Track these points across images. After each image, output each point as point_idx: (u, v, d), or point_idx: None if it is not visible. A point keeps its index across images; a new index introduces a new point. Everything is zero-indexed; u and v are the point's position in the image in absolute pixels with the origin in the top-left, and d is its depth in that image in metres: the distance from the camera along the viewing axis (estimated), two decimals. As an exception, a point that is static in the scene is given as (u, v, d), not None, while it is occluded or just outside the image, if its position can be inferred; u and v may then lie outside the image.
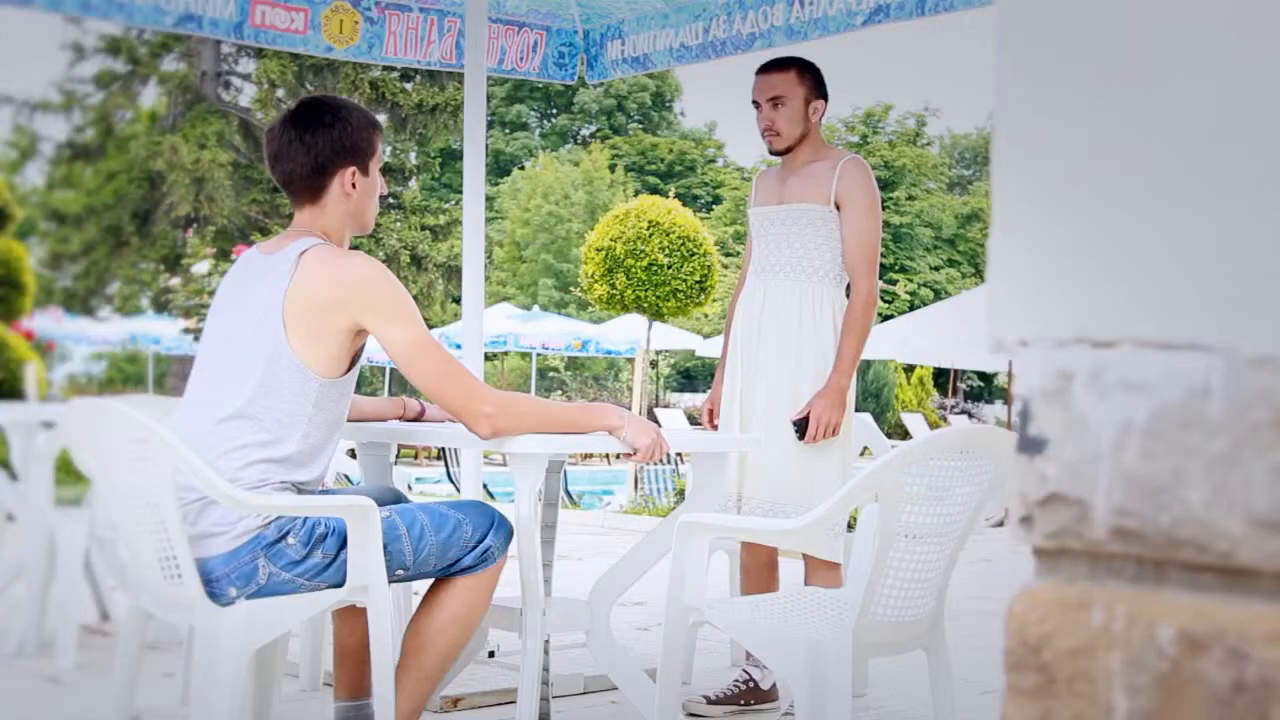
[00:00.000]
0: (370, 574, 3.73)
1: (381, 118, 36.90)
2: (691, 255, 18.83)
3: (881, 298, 41.79)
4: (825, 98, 5.40)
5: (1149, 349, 1.16)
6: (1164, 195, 1.17)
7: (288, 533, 3.73)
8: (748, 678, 5.22)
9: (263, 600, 3.70)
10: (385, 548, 3.80)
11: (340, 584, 3.76)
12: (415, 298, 31.99)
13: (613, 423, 4.11)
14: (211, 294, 14.69)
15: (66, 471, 11.90)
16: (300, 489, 3.80)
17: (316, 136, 3.88)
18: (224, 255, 15.81)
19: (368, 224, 4.01)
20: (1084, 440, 1.19)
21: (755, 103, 5.38)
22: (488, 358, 15.58)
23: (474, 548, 3.93)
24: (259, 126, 34.79)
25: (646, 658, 5.65)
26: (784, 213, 5.34)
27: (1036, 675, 1.22)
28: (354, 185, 3.93)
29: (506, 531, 4.02)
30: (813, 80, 5.37)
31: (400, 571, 3.86)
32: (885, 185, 54.77)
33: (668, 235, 18.41)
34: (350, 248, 4.01)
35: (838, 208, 5.26)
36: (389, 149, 39.80)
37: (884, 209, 5.56)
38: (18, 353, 13.38)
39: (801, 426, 5.10)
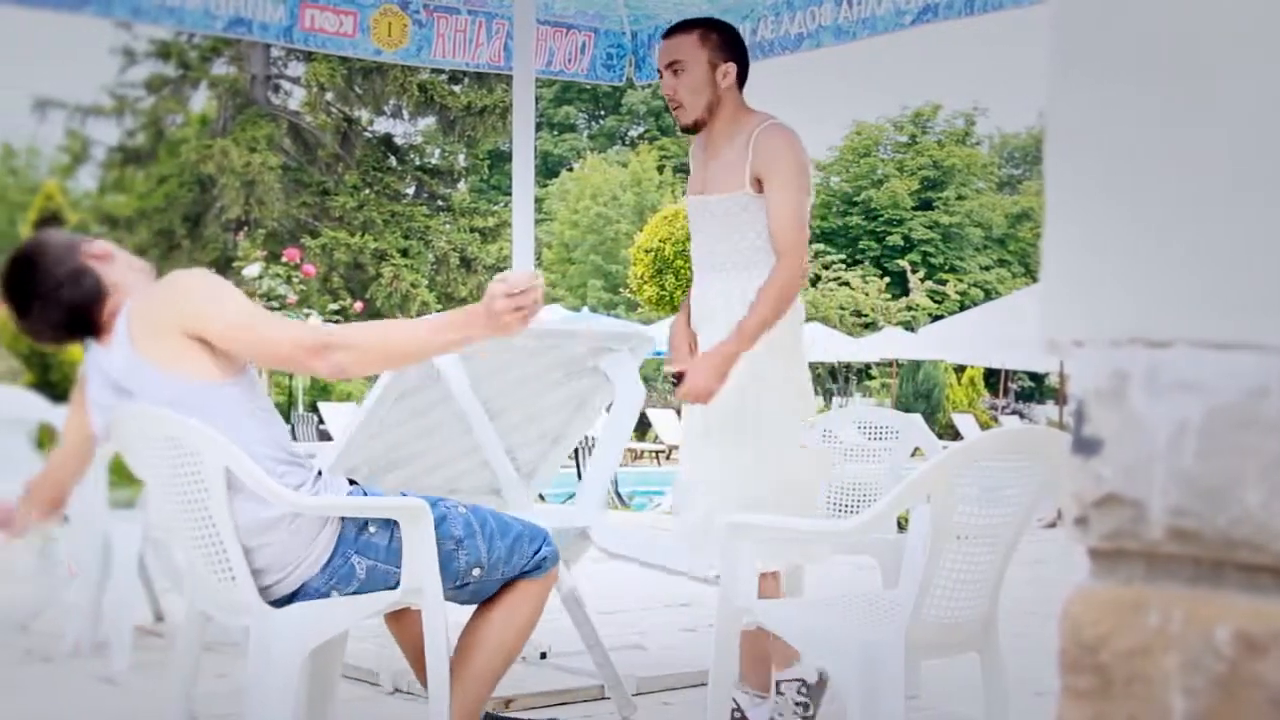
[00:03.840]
0: (424, 575, 3.74)
1: (430, 120, 37.10)
2: (740, 256, 18.82)
3: (931, 298, 40.99)
4: (739, 59, 4.76)
5: (1205, 349, 1.16)
6: (1219, 194, 1.16)
7: (366, 522, 3.75)
8: (735, 707, 4.68)
9: (316, 602, 3.72)
10: (462, 542, 3.83)
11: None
12: (464, 299, 32.11)
13: (469, 327, 3.72)
14: (264, 296, 14.75)
15: (120, 474, 11.99)
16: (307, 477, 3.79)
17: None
18: (274, 258, 15.86)
19: None
20: (1140, 441, 1.19)
21: (659, 71, 4.85)
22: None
23: (531, 556, 3.96)
24: (309, 130, 34.98)
25: (696, 659, 5.65)
26: (707, 204, 4.78)
27: (1093, 677, 1.21)
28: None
29: (555, 548, 4.05)
30: (719, 40, 4.75)
31: (476, 571, 3.86)
32: (934, 185, 54.60)
33: (716, 236, 18.40)
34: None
35: (759, 185, 4.65)
36: (437, 151, 39.92)
37: (933, 209, 5.32)
38: (72, 356, 13.48)
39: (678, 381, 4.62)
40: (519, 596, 3.96)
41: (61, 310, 3.78)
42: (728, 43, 4.75)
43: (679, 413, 4.62)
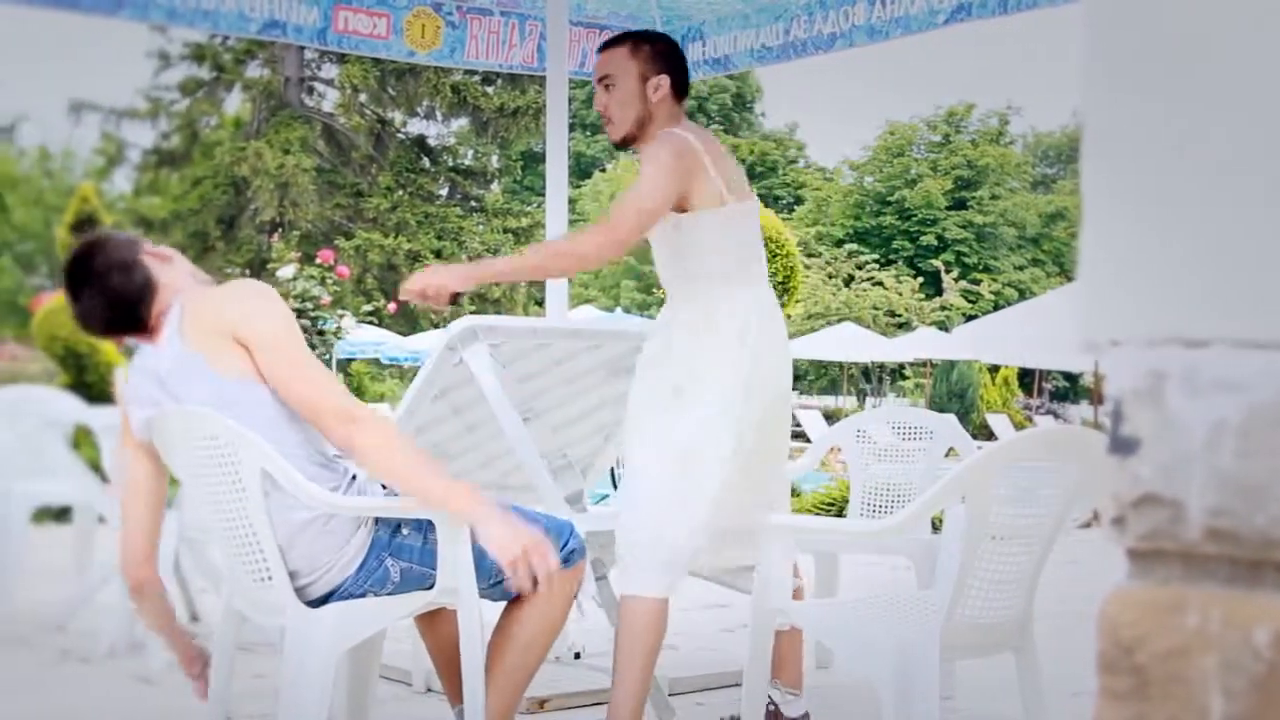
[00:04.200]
0: (460, 576, 3.74)
1: (463, 121, 37.18)
2: (774, 256, 18.75)
3: (965, 297, 40.86)
4: (673, 71, 4.53)
5: (1243, 348, 1.15)
6: (1255, 193, 1.15)
7: (399, 525, 3.76)
8: (770, 703, 4.64)
9: (352, 602, 3.73)
10: None
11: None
12: (498, 300, 32.16)
13: (473, 511, 3.65)
14: (298, 298, 14.78)
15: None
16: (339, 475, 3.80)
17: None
18: (309, 259, 15.87)
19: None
20: (1177, 440, 1.18)
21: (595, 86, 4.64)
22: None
23: (559, 550, 3.96)
24: (342, 131, 35.08)
25: (732, 659, 5.65)
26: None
27: (1130, 678, 1.21)
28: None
29: (581, 541, 4.05)
30: (651, 52, 4.52)
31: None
32: (968, 185, 54.48)
33: (749, 236, 18.38)
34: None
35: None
36: (470, 152, 39.98)
37: (967, 208, 5.21)
38: (107, 357, 13.54)
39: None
40: (554, 586, 3.97)
41: (109, 299, 3.82)
42: (660, 55, 4.54)
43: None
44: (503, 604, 4.01)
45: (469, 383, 4.75)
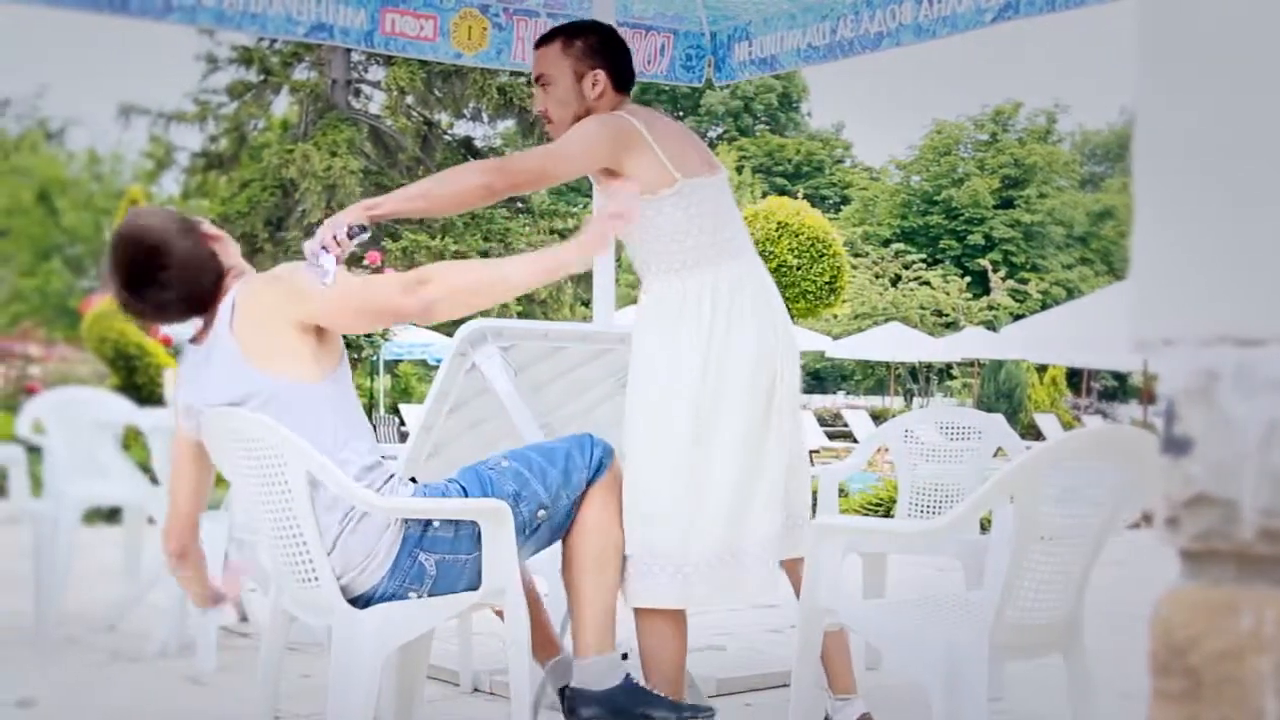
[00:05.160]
0: (506, 576, 3.75)
1: (510, 123, 37.24)
2: (821, 256, 18.77)
3: (1012, 297, 40.74)
4: (610, 65, 4.41)
5: (1297, 347, 1.14)
6: (1311, 190, 1.15)
7: (429, 519, 3.78)
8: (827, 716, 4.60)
9: (396, 603, 3.74)
10: (518, 494, 3.86)
11: None
12: (544, 300, 32.18)
13: (562, 259, 3.87)
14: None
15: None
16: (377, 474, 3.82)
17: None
18: (355, 261, 15.94)
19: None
20: (1230, 440, 1.17)
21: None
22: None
23: (588, 465, 3.99)
24: (389, 133, 35.19)
25: (780, 660, 5.64)
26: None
27: (1183, 679, 1.20)
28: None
29: (606, 443, 4.08)
30: (585, 48, 4.40)
31: (541, 512, 3.89)
32: (1016, 183, 54.29)
33: (796, 236, 18.37)
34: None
35: (609, 174, 4.27)
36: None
37: (1014, 207, 5.06)
38: (157, 359, 13.63)
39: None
40: (596, 502, 4.01)
41: (186, 290, 3.83)
42: (594, 49, 4.41)
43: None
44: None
45: (483, 393, 4.71)
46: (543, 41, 4.47)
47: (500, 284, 3.82)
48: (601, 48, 4.43)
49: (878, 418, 29.14)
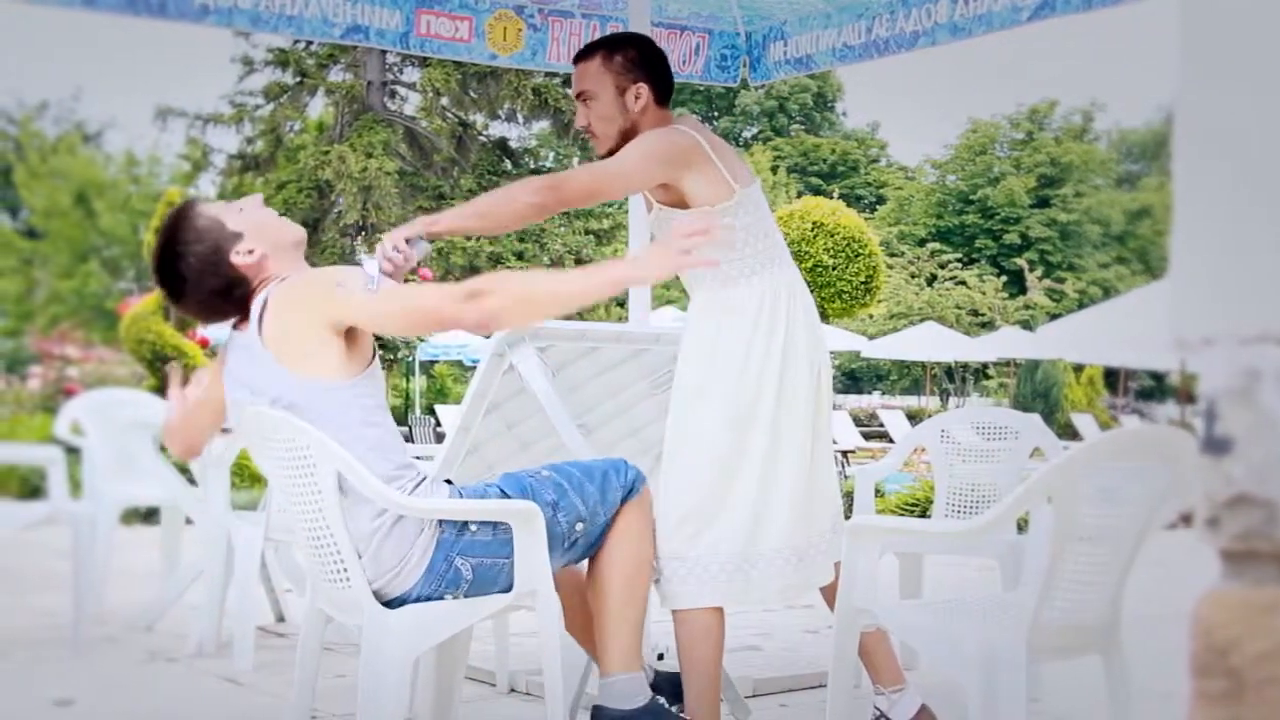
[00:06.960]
0: (537, 578, 3.75)
1: (545, 124, 37.27)
2: (856, 256, 18.74)
3: (1049, 296, 40.58)
4: (652, 77, 4.39)
5: (1339, 346, 1.14)
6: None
7: (465, 521, 3.77)
8: (878, 713, 4.62)
9: (428, 604, 3.74)
10: (556, 503, 3.86)
11: None
12: (579, 302, 32.25)
13: (623, 274, 3.86)
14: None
15: (242, 476, 12.17)
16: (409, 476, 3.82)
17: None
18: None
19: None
20: (1272, 440, 1.17)
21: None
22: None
23: (621, 485, 4.00)
24: (424, 134, 35.26)
25: (817, 660, 5.63)
26: (653, 224, 4.49)
27: (1224, 680, 1.19)
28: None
29: (636, 469, 4.08)
30: (626, 62, 4.37)
31: (580, 525, 3.90)
32: (1052, 182, 54.09)
33: (832, 236, 18.35)
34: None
35: (666, 190, 4.29)
36: (552, 154, 40.07)
37: (1050, 206, 5.04)
38: (194, 360, 13.69)
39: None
40: (628, 520, 4.01)
41: (214, 292, 3.86)
42: (636, 62, 4.38)
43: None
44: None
45: (520, 393, 4.72)
46: (582, 56, 4.44)
47: (562, 297, 3.77)
48: (642, 61, 4.40)
49: (913, 418, 29.08)
